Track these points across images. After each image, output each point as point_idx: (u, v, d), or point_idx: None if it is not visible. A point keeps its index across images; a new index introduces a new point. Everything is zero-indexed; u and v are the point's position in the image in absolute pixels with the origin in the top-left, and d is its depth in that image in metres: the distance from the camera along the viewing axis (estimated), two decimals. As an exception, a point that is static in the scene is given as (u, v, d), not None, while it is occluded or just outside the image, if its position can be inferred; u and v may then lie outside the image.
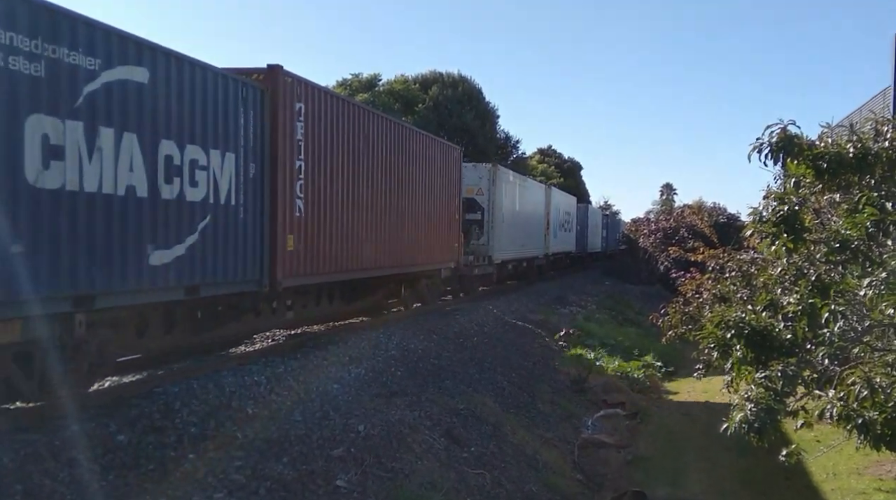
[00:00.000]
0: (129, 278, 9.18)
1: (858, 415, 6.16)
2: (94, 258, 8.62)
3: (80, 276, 8.44)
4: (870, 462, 12.63)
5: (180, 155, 10.03)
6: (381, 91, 45.85)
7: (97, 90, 8.58)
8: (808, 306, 7.14)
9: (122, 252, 9.04)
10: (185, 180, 10.17)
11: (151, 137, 9.47)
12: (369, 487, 8.78)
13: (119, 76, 8.92)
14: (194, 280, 10.44)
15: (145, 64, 9.35)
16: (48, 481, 7.01)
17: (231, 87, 11.21)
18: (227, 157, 11.07)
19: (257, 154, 11.87)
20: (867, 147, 7.90)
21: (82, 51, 8.36)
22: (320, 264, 13.92)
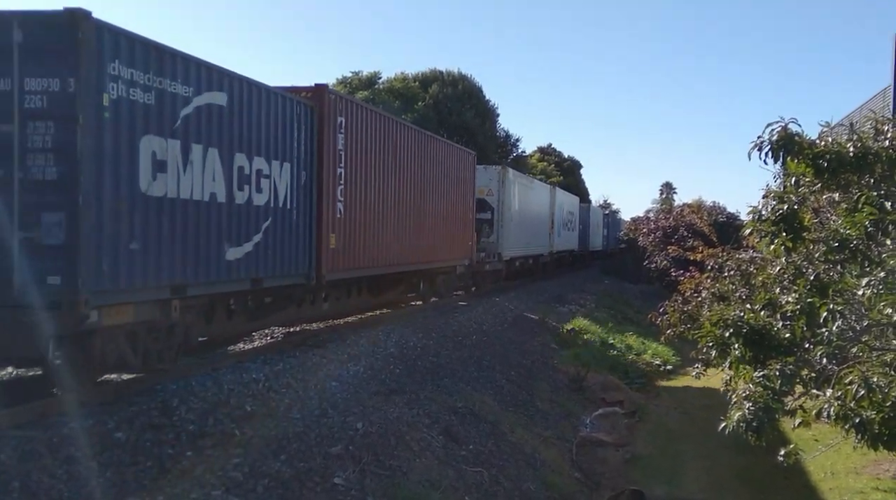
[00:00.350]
0: (211, 271, 10.87)
1: (856, 414, 6.15)
2: (186, 254, 10.31)
3: (177, 268, 10.12)
4: (868, 461, 12.64)
5: (249, 166, 11.76)
6: (381, 89, 45.84)
7: (190, 113, 10.32)
8: (806, 305, 7.14)
9: (206, 249, 10.72)
10: (253, 187, 11.89)
11: (228, 151, 11.20)
12: (367, 485, 8.78)
13: (206, 101, 10.67)
14: (258, 273, 12.11)
15: (224, 89, 11.08)
16: (46, 478, 7.01)
17: (288, 105, 12.96)
18: (284, 166, 12.81)
19: (307, 163, 13.59)
20: (867, 146, 7.88)
21: (180, 81, 10.12)
22: (355, 260, 15.61)
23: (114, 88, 9.02)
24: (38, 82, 8.57)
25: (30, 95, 8.57)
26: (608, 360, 21.80)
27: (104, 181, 8.90)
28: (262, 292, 12.95)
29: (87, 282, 8.59)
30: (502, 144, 53.88)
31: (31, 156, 8.57)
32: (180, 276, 10.20)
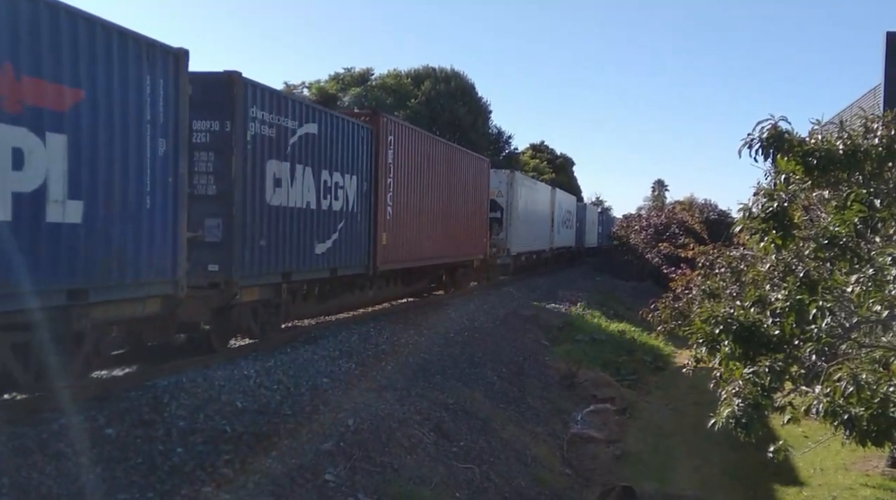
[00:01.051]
0: (306, 262, 14.19)
1: (844, 411, 6.17)
2: (291, 248, 13.59)
3: (285, 260, 13.43)
4: (857, 458, 12.70)
5: (331, 179, 14.95)
6: (374, 86, 45.83)
7: (295, 141, 13.62)
8: (795, 302, 7.15)
9: (303, 245, 14.01)
10: (332, 196, 15.07)
11: (318, 169, 14.43)
12: (358, 481, 8.78)
13: (305, 131, 13.91)
14: (334, 264, 15.34)
15: (315, 121, 14.38)
16: (35, 474, 6.98)
17: (356, 130, 16.12)
18: (352, 178, 16.02)
19: (367, 175, 16.79)
20: (857, 144, 7.90)
21: (290, 117, 13.42)
22: (399, 254, 18.80)
23: (252, 126, 12.26)
24: (203, 124, 11.75)
25: (196, 133, 11.66)
26: (599, 356, 21.85)
27: (246, 196, 12.11)
28: (335, 280, 16.01)
29: (236, 269, 11.94)
30: (494, 141, 53.94)
31: (197, 177, 11.68)
32: (288, 265, 13.57)
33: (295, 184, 13.62)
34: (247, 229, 12.17)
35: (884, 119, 8.13)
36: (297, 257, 13.78)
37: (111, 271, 9.31)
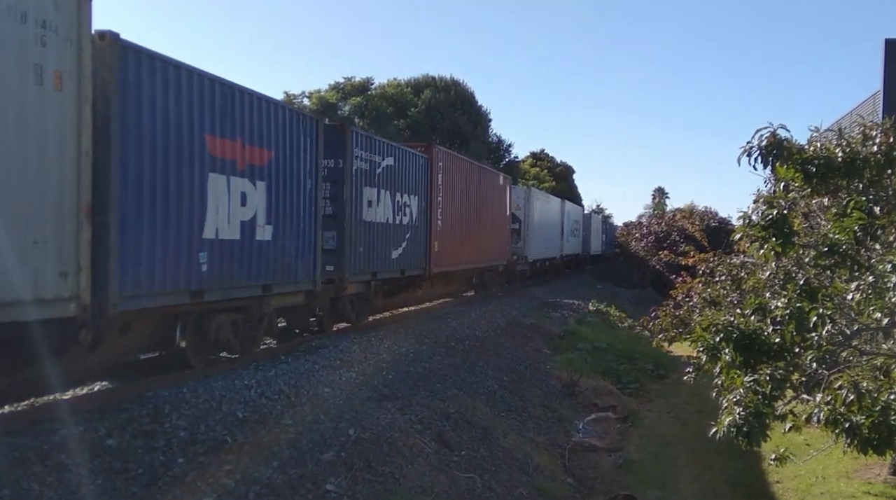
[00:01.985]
0: (386, 264, 18.28)
1: (846, 419, 6.17)
2: (377, 254, 17.55)
3: (373, 262, 17.41)
4: (858, 466, 12.66)
5: (401, 199, 19.05)
6: (374, 94, 45.89)
7: (380, 172, 17.59)
8: (795, 310, 7.15)
9: (384, 251, 18.05)
10: (402, 213, 19.14)
11: (393, 192, 18.47)
12: (359, 491, 8.76)
13: (386, 163, 17.88)
14: (404, 267, 19.41)
15: (393, 155, 18.47)
16: (36, 485, 6.98)
17: (418, 159, 20.43)
18: (415, 198, 20.12)
19: (424, 194, 20.93)
20: (856, 151, 7.92)
21: (376, 153, 17.36)
22: (445, 260, 22.69)
23: (355, 162, 16.16)
24: (326, 161, 15.14)
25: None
26: (601, 365, 21.82)
27: (351, 214, 15.95)
28: (403, 279, 19.87)
29: (346, 269, 15.81)
30: (495, 149, 54.00)
31: (322, 201, 14.93)
32: (375, 267, 17.57)
33: (380, 204, 17.64)
34: (351, 239, 16.02)
35: (882, 127, 8.16)
36: (381, 261, 17.88)
37: (284, 273, 13.42)
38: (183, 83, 10.49)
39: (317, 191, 14.43)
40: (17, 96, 7.71)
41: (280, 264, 13.17)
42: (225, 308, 12.10)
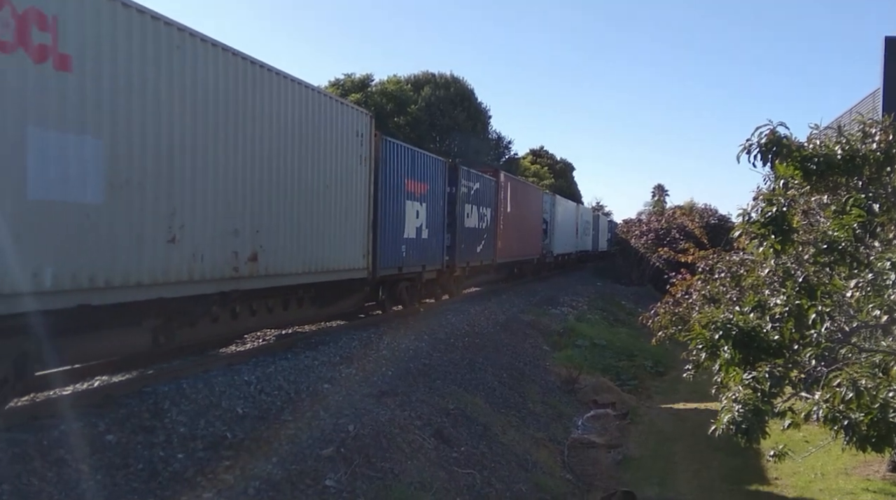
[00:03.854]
0: (473, 256, 25.89)
1: (844, 416, 6.17)
2: (470, 249, 25.41)
3: (468, 255, 25.31)
4: (857, 463, 12.69)
5: (481, 211, 26.51)
6: (374, 91, 45.87)
7: (472, 193, 25.37)
8: (794, 307, 7.15)
9: (472, 247, 25.61)
10: (482, 221, 26.81)
11: (478, 206, 25.97)
12: (358, 487, 8.78)
13: (475, 187, 25.75)
14: (482, 258, 27.02)
15: (479, 181, 26.40)
16: (36, 480, 6.99)
17: (491, 182, 28.11)
18: (489, 209, 27.75)
19: (493, 206, 28.47)
20: (855, 149, 7.92)
21: (471, 181, 25.30)
22: (505, 253, 30.31)
23: (461, 188, 23.71)
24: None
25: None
26: (600, 362, 21.85)
27: (460, 222, 23.61)
28: (479, 267, 27.46)
29: (456, 259, 23.65)
30: (494, 146, 53.97)
31: None
32: (469, 257, 25.28)
33: (472, 215, 25.53)
34: (459, 239, 23.96)
35: (882, 124, 8.15)
36: (472, 254, 25.82)
37: (431, 259, 21.59)
38: (399, 153, 19.05)
39: (445, 208, 22.88)
40: (354, 170, 16.08)
41: (430, 253, 21.52)
42: (406, 277, 20.18)
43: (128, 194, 9.42)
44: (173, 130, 10.17)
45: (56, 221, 8.40)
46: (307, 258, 14.02)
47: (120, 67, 9.23)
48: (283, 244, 13.14)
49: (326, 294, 15.83)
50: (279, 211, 12.97)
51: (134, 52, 9.45)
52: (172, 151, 10.16)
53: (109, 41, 9.07)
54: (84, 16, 8.68)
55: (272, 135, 12.68)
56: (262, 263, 12.42)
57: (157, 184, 9.90)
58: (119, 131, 9.23)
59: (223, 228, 11.38)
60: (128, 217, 9.44)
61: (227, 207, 11.46)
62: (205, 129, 10.85)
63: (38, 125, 8.14)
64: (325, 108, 14.58)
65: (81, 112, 8.70)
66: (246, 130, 11.92)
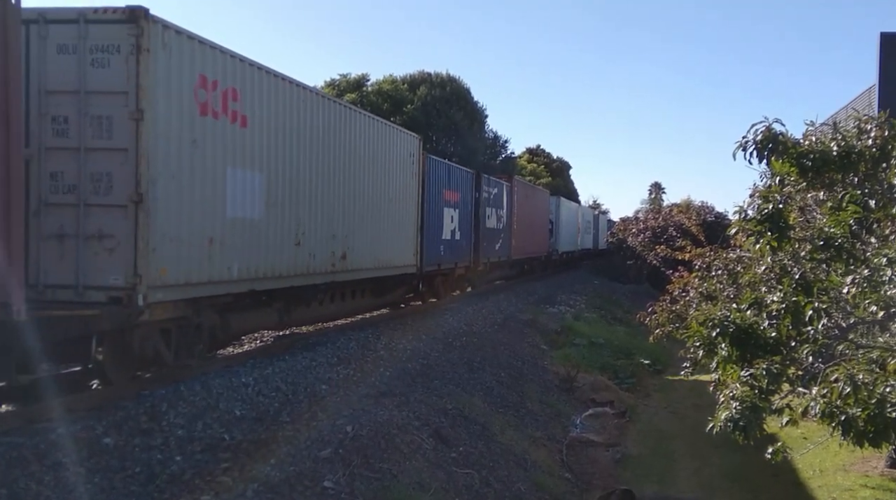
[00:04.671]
0: (493, 254, 29.51)
1: (841, 412, 6.17)
2: (490, 246, 28.92)
3: (488, 252, 28.67)
4: (855, 459, 12.70)
5: (498, 213, 30.00)
6: (370, 91, 45.83)
7: (491, 198, 28.84)
8: (791, 304, 7.14)
9: (493, 245, 29.27)
10: (499, 222, 30.18)
11: (496, 209, 29.73)
12: (357, 488, 8.76)
13: (493, 192, 29.37)
14: (499, 255, 30.37)
15: (496, 187, 30.06)
16: (33, 484, 6.98)
17: (505, 186, 31.28)
18: (504, 211, 30.90)
19: (508, 208, 31.46)
20: (851, 145, 7.91)
21: (490, 187, 28.81)
22: (518, 251, 33.77)
23: (482, 194, 27.17)
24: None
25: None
26: (598, 360, 21.85)
27: (480, 223, 26.93)
28: (495, 263, 30.35)
29: (479, 256, 27.33)
30: (491, 145, 53.93)
31: None
32: (489, 254, 28.57)
33: (491, 217, 28.80)
34: (482, 238, 27.41)
35: (878, 120, 8.14)
36: (492, 252, 29.12)
37: (461, 256, 24.86)
38: (438, 168, 22.77)
39: (472, 212, 26.05)
40: (408, 184, 19.65)
41: (461, 251, 25.05)
42: (442, 272, 23.69)
43: (275, 211, 12.91)
44: (299, 163, 13.72)
45: (239, 232, 11.87)
46: (377, 257, 17.68)
47: (271, 121, 12.67)
48: (362, 246, 16.68)
49: (383, 286, 19.17)
50: (359, 220, 16.51)
51: (279, 109, 12.96)
52: (298, 179, 13.71)
53: (266, 103, 12.52)
54: (254, 87, 12.17)
55: (353, 160, 16.19)
56: (349, 260, 16.04)
57: (289, 203, 13.42)
58: (271, 167, 12.73)
59: (326, 233, 14.93)
60: (274, 228, 12.91)
61: (327, 217, 14.99)
62: (315, 160, 14.40)
63: (232, 166, 11.57)
64: (388, 135, 18.42)
65: (252, 155, 12.16)
66: (337, 157, 15.40)
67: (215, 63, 11.19)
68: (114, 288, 9.56)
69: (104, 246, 9.64)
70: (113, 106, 9.66)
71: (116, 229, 9.60)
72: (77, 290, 9.64)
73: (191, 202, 10.67)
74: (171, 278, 10.27)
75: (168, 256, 10.16)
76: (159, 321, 10.48)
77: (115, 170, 9.65)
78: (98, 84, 9.68)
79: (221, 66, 11.35)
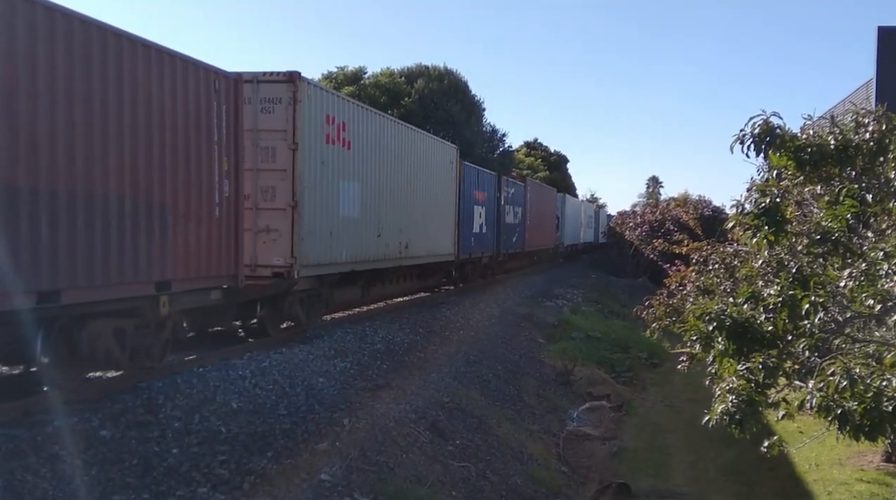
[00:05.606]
0: (510, 246, 33.45)
1: (838, 405, 6.16)
2: (508, 239, 32.90)
3: (506, 244, 32.56)
4: (851, 453, 12.73)
5: (515, 209, 33.88)
6: (367, 84, 45.70)
7: (509, 197, 32.74)
8: (788, 297, 7.14)
9: (510, 238, 33.21)
10: (515, 217, 34.22)
11: (514, 205, 33.74)
12: (354, 480, 8.77)
13: (512, 191, 33.43)
14: (516, 246, 34.65)
15: (513, 187, 34.04)
16: (30, 476, 6.97)
17: (520, 186, 35.51)
18: (520, 208, 34.97)
19: (522, 205, 35.46)
20: (848, 139, 7.90)
21: (508, 187, 32.87)
22: (531, 244, 37.85)
23: (504, 194, 31.47)
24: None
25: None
26: (595, 354, 21.87)
27: (501, 219, 31.09)
28: (511, 254, 34.32)
29: (501, 246, 31.52)
30: (489, 138, 53.81)
31: None
32: (508, 246, 32.69)
33: (509, 213, 32.31)
34: (502, 232, 31.07)
35: (875, 114, 8.13)
36: (510, 244, 32.96)
37: (486, 247, 28.92)
38: (470, 172, 26.32)
39: (495, 209, 29.66)
40: (448, 188, 23.80)
41: (486, 243, 28.77)
42: (472, 261, 27.64)
43: (365, 211, 16.90)
44: (380, 173, 17.81)
45: (346, 227, 15.85)
46: (428, 247, 21.63)
47: (364, 143, 16.79)
48: (418, 238, 20.57)
49: (425, 272, 23.31)
50: (416, 217, 20.40)
51: (369, 134, 17.10)
52: (379, 185, 17.79)
53: (362, 130, 16.66)
54: (355, 119, 16.30)
55: (413, 168, 20.32)
56: (410, 249, 19.94)
57: (374, 205, 17.43)
58: (364, 178, 16.79)
59: (396, 228, 18.87)
60: (365, 224, 16.92)
61: (397, 215, 18.92)
62: (390, 170, 18.53)
63: (342, 179, 15.63)
64: (434, 147, 22.82)
65: (353, 170, 16.24)
66: (402, 167, 19.52)
67: (332, 104, 15.24)
68: (277, 267, 13.49)
69: (271, 237, 13.50)
70: (276, 139, 13.53)
71: (279, 225, 13.51)
72: (252, 267, 13.13)
73: (320, 205, 14.60)
74: (310, 260, 14.22)
75: (308, 244, 14.08)
76: (300, 291, 14.59)
77: (278, 184, 13.56)
78: (266, 124, 13.50)
79: (336, 106, 15.42)
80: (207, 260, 11.04)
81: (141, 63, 9.43)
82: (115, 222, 9.03)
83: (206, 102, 10.90)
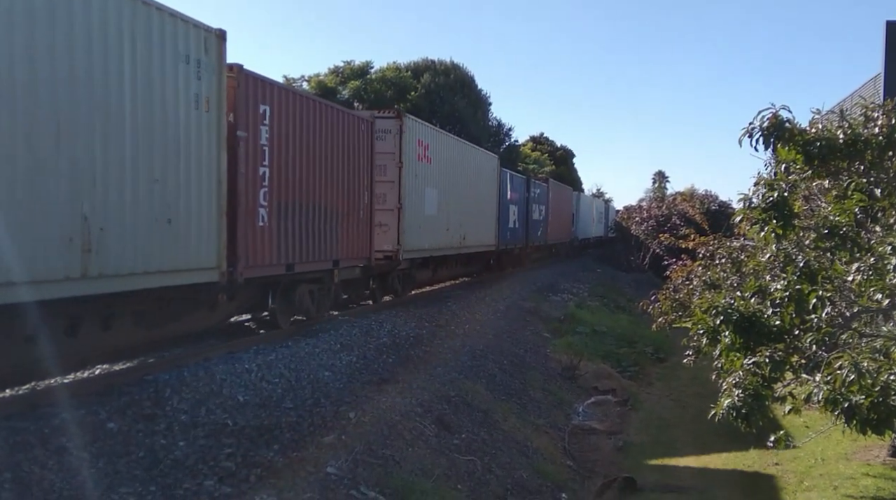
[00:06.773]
0: (536, 239, 38.16)
1: (845, 399, 6.16)
2: (533, 233, 37.16)
3: (532, 238, 37.03)
4: (858, 447, 12.70)
5: (539, 207, 38.52)
6: (373, 78, 45.65)
7: (535, 196, 37.28)
8: (795, 292, 7.14)
9: (535, 232, 37.75)
10: (540, 214, 38.84)
11: (539, 205, 38.32)
12: (360, 474, 8.78)
13: (538, 191, 38.31)
14: (540, 240, 39.35)
15: (539, 187, 38.76)
16: (37, 468, 6.99)
17: (544, 186, 40.31)
18: (543, 207, 39.48)
19: (545, 203, 40.02)
20: (857, 133, 7.88)
21: (534, 187, 37.39)
22: (552, 237, 42.46)
23: (531, 194, 36.08)
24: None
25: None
26: (601, 348, 21.86)
27: (528, 215, 35.89)
28: (535, 246, 38.49)
29: (529, 240, 36.25)
30: (495, 133, 53.75)
31: None
32: (534, 241, 37.54)
33: (535, 211, 36.46)
34: (529, 226, 35.45)
35: (884, 108, 8.11)
36: (535, 237, 37.09)
37: (518, 241, 33.85)
38: (507, 176, 31.69)
39: (525, 207, 34.13)
40: (491, 190, 29.87)
41: (518, 237, 33.09)
42: (508, 251, 32.23)
43: (440, 210, 21.98)
44: (449, 180, 22.81)
45: (428, 223, 20.92)
46: (477, 239, 26.38)
47: (439, 157, 21.87)
48: (472, 231, 25.42)
49: (469, 260, 28.09)
50: (470, 214, 25.29)
51: (442, 149, 22.30)
52: (448, 190, 22.70)
53: (437, 148, 21.77)
54: (434, 140, 21.58)
55: (468, 176, 25.36)
56: (466, 240, 24.81)
57: (445, 205, 22.40)
58: (439, 185, 21.82)
59: (458, 222, 23.77)
60: (439, 220, 21.93)
61: (459, 213, 23.77)
62: (455, 177, 23.69)
63: (426, 186, 20.85)
64: (483, 158, 27.96)
65: (433, 179, 21.33)
66: (462, 175, 24.58)
67: (421, 130, 20.58)
68: (387, 251, 18.55)
69: (382, 230, 18.25)
70: (387, 159, 18.59)
71: (389, 221, 18.56)
72: None
73: (414, 207, 19.81)
74: (408, 247, 19.36)
75: (407, 235, 19.17)
76: (400, 270, 20.00)
77: (388, 192, 18.58)
78: (381, 148, 18.04)
79: (424, 132, 20.79)
80: (356, 246, 16.20)
81: (329, 117, 14.76)
82: (317, 221, 14.18)
83: (357, 139, 16.12)
